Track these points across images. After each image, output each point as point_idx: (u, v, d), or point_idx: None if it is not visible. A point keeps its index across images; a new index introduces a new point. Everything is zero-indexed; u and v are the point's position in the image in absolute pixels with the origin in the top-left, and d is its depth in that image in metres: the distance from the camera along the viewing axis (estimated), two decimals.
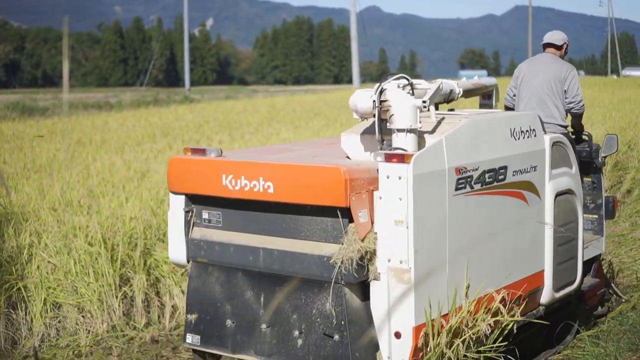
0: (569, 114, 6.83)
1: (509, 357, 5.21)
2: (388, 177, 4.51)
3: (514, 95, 6.97)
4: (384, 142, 4.85)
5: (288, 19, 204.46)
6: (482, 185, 4.96)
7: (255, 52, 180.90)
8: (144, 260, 7.37)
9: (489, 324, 4.84)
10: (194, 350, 5.33)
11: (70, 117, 26.37)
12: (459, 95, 5.63)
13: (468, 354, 4.76)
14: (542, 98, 6.66)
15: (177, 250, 5.31)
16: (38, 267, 7.09)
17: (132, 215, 7.88)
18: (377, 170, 4.56)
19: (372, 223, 4.56)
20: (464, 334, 4.75)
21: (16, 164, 12.80)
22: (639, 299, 7.26)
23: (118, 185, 10.34)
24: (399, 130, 4.71)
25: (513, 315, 5.08)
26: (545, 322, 5.62)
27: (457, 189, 4.76)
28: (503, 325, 5.02)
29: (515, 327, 5.13)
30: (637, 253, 8.89)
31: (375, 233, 4.56)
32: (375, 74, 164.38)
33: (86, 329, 6.85)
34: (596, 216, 6.73)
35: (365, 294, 4.67)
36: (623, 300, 7.36)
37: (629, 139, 15.20)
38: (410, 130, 4.70)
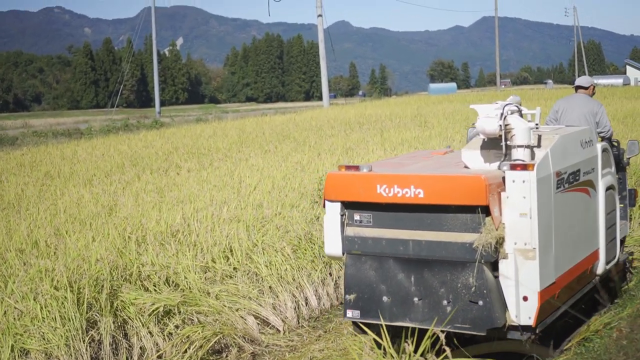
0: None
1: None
2: (514, 182, 5.89)
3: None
4: (507, 155, 6.19)
5: (258, 36, 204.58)
6: (568, 185, 6.47)
7: (226, 70, 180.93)
8: (111, 302, 7.34)
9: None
10: (354, 323, 6.52)
11: (39, 147, 26.24)
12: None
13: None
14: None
15: (333, 246, 6.52)
16: (5, 312, 7.07)
17: (98, 257, 7.87)
18: (503, 177, 5.94)
19: (501, 216, 5.89)
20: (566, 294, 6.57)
21: None
22: (603, 325, 7.31)
23: (85, 221, 10.32)
24: (519, 146, 6.14)
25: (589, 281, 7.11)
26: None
27: (557, 188, 6.23)
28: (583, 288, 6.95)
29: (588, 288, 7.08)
30: None
31: (504, 224, 5.90)
32: (346, 89, 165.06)
33: None
34: (622, 205, 8.22)
35: (495, 270, 5.96)
36: (632, 273, 8.94)
37: None
38: (527, 146, 6.14)
